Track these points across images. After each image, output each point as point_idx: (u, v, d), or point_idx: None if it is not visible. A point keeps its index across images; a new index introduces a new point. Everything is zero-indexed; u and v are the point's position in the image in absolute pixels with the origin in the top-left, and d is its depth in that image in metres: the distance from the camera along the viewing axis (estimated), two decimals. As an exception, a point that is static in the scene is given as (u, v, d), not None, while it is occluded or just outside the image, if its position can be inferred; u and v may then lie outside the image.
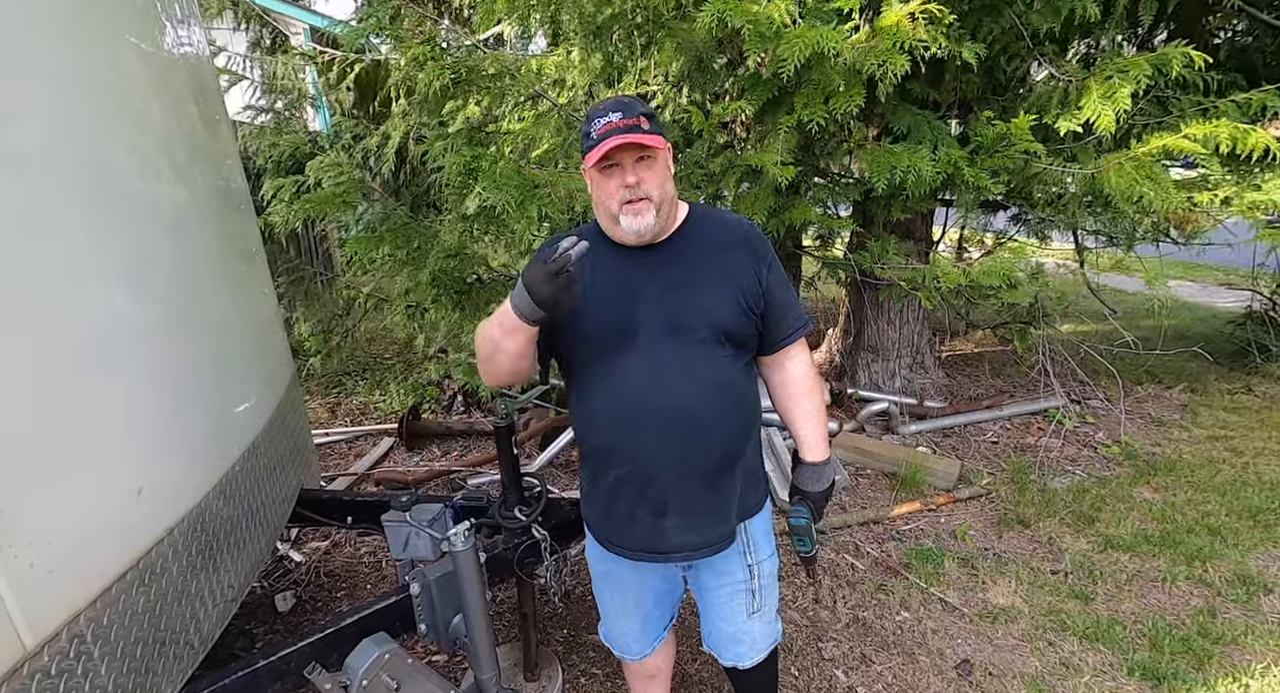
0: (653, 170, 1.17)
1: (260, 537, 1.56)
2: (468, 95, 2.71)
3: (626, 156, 1.15)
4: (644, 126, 1.13)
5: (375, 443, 3.65)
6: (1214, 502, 2.87)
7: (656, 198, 1.17)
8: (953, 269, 2.87)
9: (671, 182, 1.22)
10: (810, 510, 1.34)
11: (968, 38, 2.45)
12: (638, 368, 1.20)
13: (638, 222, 1.17)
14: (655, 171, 1.17)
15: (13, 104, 0.96)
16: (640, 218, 1.17)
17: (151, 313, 1.26)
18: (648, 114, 1.16)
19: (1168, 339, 4.08)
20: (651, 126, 1.15)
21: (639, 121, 1.13)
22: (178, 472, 1.27)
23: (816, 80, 2.44)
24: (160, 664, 1.11)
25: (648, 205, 1.16)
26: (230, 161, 1.92)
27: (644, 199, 1.16)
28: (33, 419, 0.93)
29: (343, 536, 2.72)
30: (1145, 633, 2.13)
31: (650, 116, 1.16)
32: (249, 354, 1.75)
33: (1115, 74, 2.31)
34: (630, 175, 1.15)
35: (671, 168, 1.23)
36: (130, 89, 1.31)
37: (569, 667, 2.03)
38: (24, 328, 0.94)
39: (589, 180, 1.23)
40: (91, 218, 1.12)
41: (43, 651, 0.87)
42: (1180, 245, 3.19)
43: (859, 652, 2.10)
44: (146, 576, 1.10)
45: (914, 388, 4.01)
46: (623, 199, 1.16)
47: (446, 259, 2.37)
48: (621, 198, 1.16)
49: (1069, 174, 2.59)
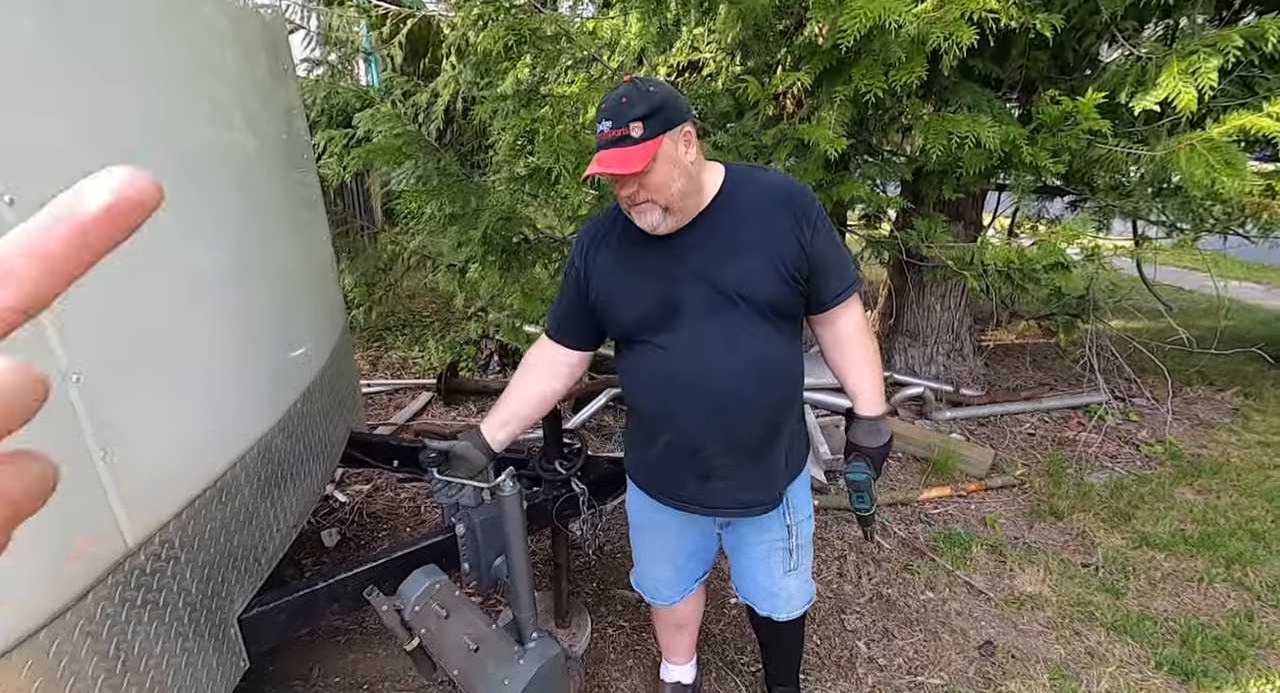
0: (652, 174, 1.11)
1: (316, 472, 1.65)
2: (521, 56, 2.71)
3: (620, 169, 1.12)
4: (634, 135, 1.08)
5: (414, 397, 3.76)
6: (1260, 507, 2.80)
7: (662, 200, 1.14)
8: (1003, 247, 2.79)
9: (685, 174, 1.14)
10: (868, 465, 1.33)
11: (1041, 9, 2.35)
12: (681, 346, 1.21)
13: (644, 220, 1.16)
14: (655, 174, 1.11)
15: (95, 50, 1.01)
16: (645, 217, 1.15)
17: (227, 260, 1.32)
18: (643, 116, 1.08)
19: (1225, 340, 3.92)
20: (645, 132, 1.08)
21: (628, 131, 1.08)
22: (247, 406, 1.35)
23: (877, 51, 2.37)
24: (233, 576, 1.20)
25: (651, 206, 1.14)
26: (296, 112, 1.97)
27: (647, 202, 1.14)
28: (135, 349, 1.00)
29: (384, 480, 2.83)
30: (1177, 630, 2.11)
31: (646, 117, 1.08)
32: (309, 301, 1.83)
33: (1200, 48, 2.18)
34: (626, 188, 1.13)
35: (690, 150, 1.15)
36: (208, 38, 1.36)
37: (598, 617, 2.11)
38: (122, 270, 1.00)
39: None
40: (171, 168, 1.17)
41: (140, 550, 0.95)
42: (1253, 241, 3.02)
43: (881, 626, 2.13)
44: (224, 494, 1.18)
45: (951, 375, 3.95)
46: (627, 201, 1.16)
47: (500, 219, 2.40)
48: (625, 201, 1.16)
49: (1135, 156, 2.47)
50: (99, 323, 0.92)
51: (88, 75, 0.96)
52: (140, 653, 0.95)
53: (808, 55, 2.64)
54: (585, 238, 1.32)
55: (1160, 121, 2.58)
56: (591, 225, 1.34)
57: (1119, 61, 2.70)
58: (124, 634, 0.93)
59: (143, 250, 1.04)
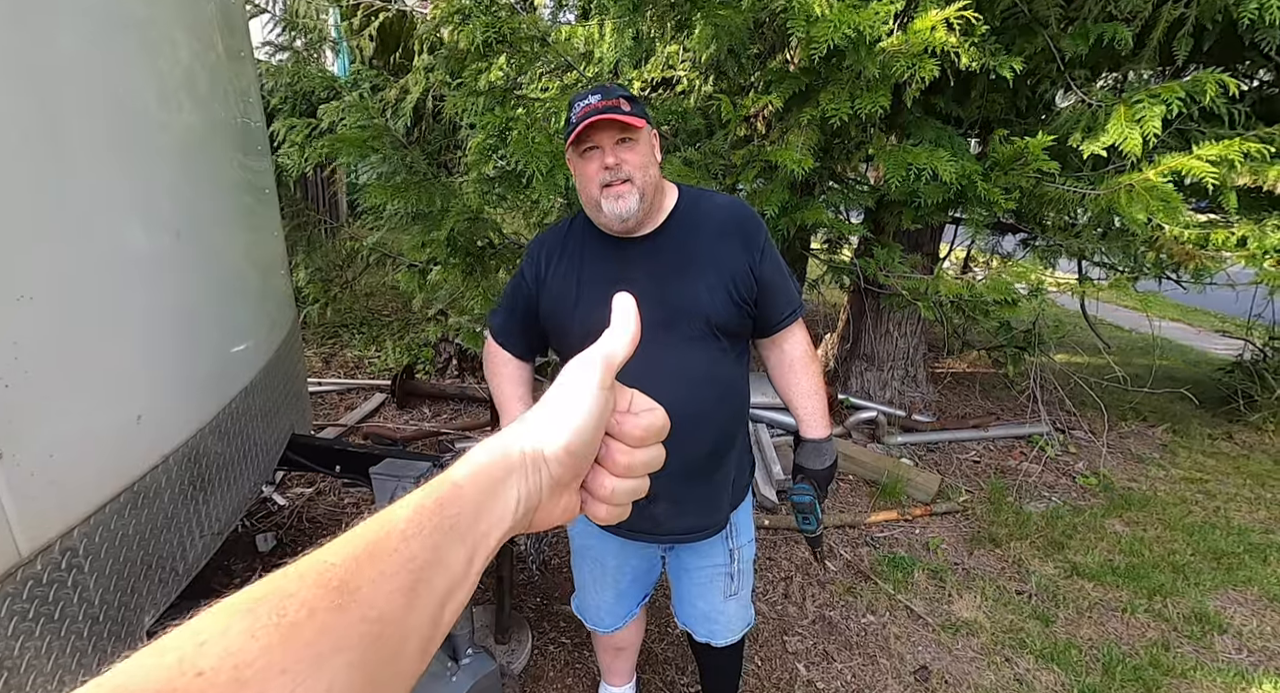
0: (634, 152, 1.13)
1: (250, 476, 1.57)
2: (497, 56, 2.69)
3: (605, 138, 1.12)
4: (623, 108, 1.11)
5: (367, 398, 3.65)
6: (1181, 541, 2.93)
7: (639, 181, 1.13)
8: (954, 281, 2.89)
9: (656, 167, 1.18)
10: (813, 488, 1.33)
11: (1002, 52, 2.45)
12: (630, 363, 1.20)
13: (619, 205, 1.13)
14: (636, 153, 1.13)
15: (37, 23, 0.95)
16: (622, 201, 1.13)
17: (162, 245, 1.25)
18: (628, 97, 1.14)
19: (1157, 379, 4.13)
20: (633, 110, 1.12)
21: (618, 103, 1.11)
22: (176, 404, 1.28)
23: (844, 77, 2.43)
24: (145, 587, 1.12)
25: (630, 188, 1.13)
26: (251, 99, 1.90)
27: (626, 182, 1.13)
28: (43, 336, 0.93)
29: (327, 484, 2.73)
30: (1100, 659, 2.18)
31: (631, 100, 1.14)
32: (253, 295, 1.75)
33: (1146, 99, 2.31)
34: (610, 157, 1.12)
35: (658, 154, 1.20)
36: (158, 14, 1.30)
37: (539, 634, 2.07)
38: (41, 247, 0.94)
39: (572, 168, 1.20)
40: (109, 145, 1.11)
41: (36, 559, 0.88)
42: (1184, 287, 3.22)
43: (822, 648, 2.15)
44: (140, 499, 1.11)
45: (904, 400, 4.05)
46: (602, 182, 1.13)
47: (465, 221, 2.36)
48: (601, 181, 1.13)
49: (1080, 195, 2.60)
50: (9, 310, 0.86)
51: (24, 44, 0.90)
52: (29, 670, 0.88)
53: (778, 80, 2.69)
54: (537, 249, 1.30)
55: (1107, 168, 2.72)
56: (544, 237, 1.32)
57: (1072, 108, 2.84)
58: (10, 649, 0.86)
59: (67, 230, 0.98)
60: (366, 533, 0.29)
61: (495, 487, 0.33)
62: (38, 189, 0.94)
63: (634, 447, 0.40)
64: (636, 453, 0.40)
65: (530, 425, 0.37)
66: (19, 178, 0.91)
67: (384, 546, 0.28)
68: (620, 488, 0.40)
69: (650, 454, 0.41)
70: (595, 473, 0.40)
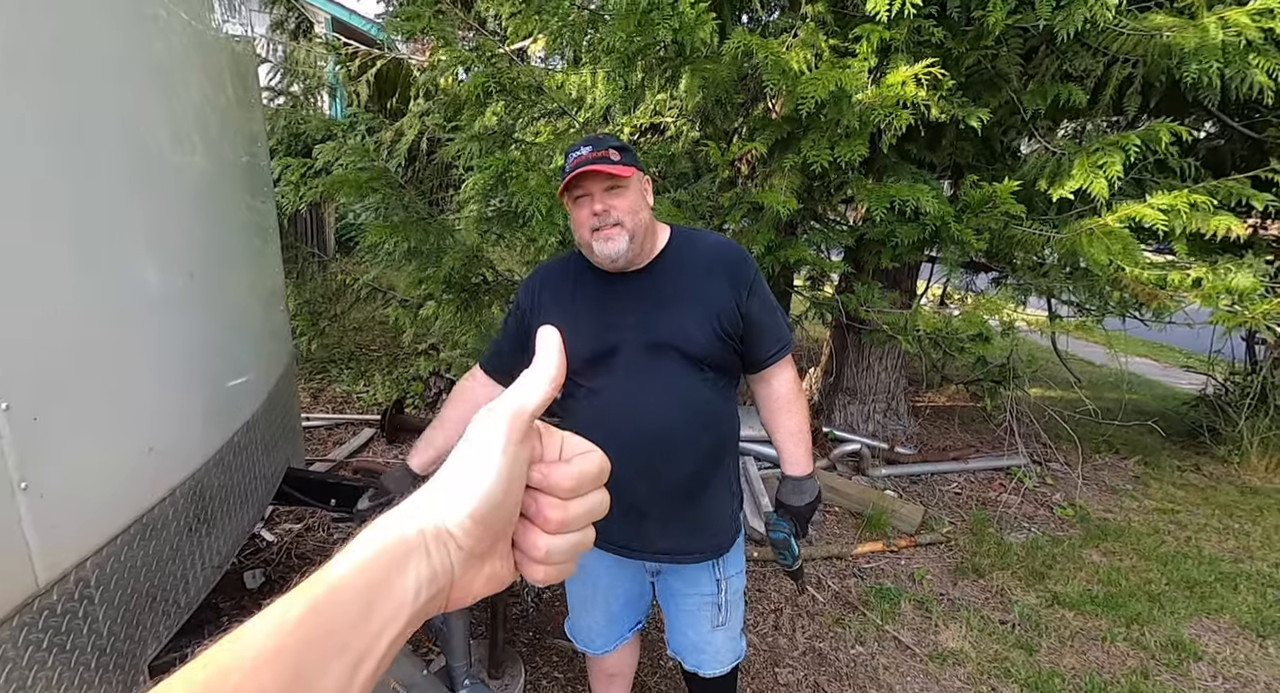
0: (622, 198, 1.21)
1: (249, 509, 1.58)
2: (495, 103, 2.81)
3: (595, 186, 1.21)
4: (612, 158, 1.20)
5: (355, 432, 3.65)
6: (1156, 570, 3.01)
7: (629, 224, 1.21)
8: (932, 316, 3.02)
9: (647, 210, 1.26)
10: (791, 524, 1.38)
11: (970, 104, 2.63)
12: (616, 387, 1.27)
13: (609, 247, 1.21)
14: (625, 199, 1.22)
15: (59, 70, 1.02)
16: (611, 243, 1.21)
17: (176, 285, 1.30)
18: (619, 147, 1.22)
19: (1127, 413, 4.28)
20: (622, 159, 1.21)
21: (607, 153, 1.20)
22: (184, 437, 1.31)
23: (824, 125, 2.58)
24: (149, 619, 1.14)
25: (619, 231, 1.21)
26: (259, 144, 1.98)
27: (616, 225, 1.20)
28: (62, 371, 0.97)
29: (315, 519, 2.71)
30: (1082, 687, 2.22)
31: (622, 149, 1.22)
32: (256, 332, 1.79)
33: (1104, 147, 2.48)
34: (598, 203, 1.21)
35: (649, 198, 1.28)
36: (176, 64, 1.37)
37: (532, 668, 2.06)
38: (62, 288, 0.98)
39: (568, 210, 1.29)
40: (132, 187, 1.16)
41: (52, 589, 0.90)
42: (1147, 324, 3.39)
43: (813, 680, 2.16)
44: (148, 530, 1.13)
45: (887, 433, 4.13)
46: (592, 227, 1.22)
47: (463, 258, 2.43)
48: (591, 225, 1.22)
49: (1045, 236, 2.77)
50: (31, 348, 0.90)
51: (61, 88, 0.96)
52: (40, 701, 0.89)
53: (761, 127, 2.84)
54: (534, 281, 1.39)
55: (1071, 211, 2.89)
56: (541, 270, 1.40)
57: (1037, 155, 3.03)
58: (25, 679, 0.87)
59: (82, 270, 1.03)
60: (208, 666, 0.24)
61: (387, 577, 0.29)
62: (74, 232, 0.99)
63: (566, 499, 0.35)
64: (571, 505, 0.35)
65: (430, 495, 0.32)
66: (58, 219, 0.96)
67: (219, 686, 0.23)
68: (555, 547, 0.35)
69: (589, 504, 0.36)
70: (527, 532, 0.35)
